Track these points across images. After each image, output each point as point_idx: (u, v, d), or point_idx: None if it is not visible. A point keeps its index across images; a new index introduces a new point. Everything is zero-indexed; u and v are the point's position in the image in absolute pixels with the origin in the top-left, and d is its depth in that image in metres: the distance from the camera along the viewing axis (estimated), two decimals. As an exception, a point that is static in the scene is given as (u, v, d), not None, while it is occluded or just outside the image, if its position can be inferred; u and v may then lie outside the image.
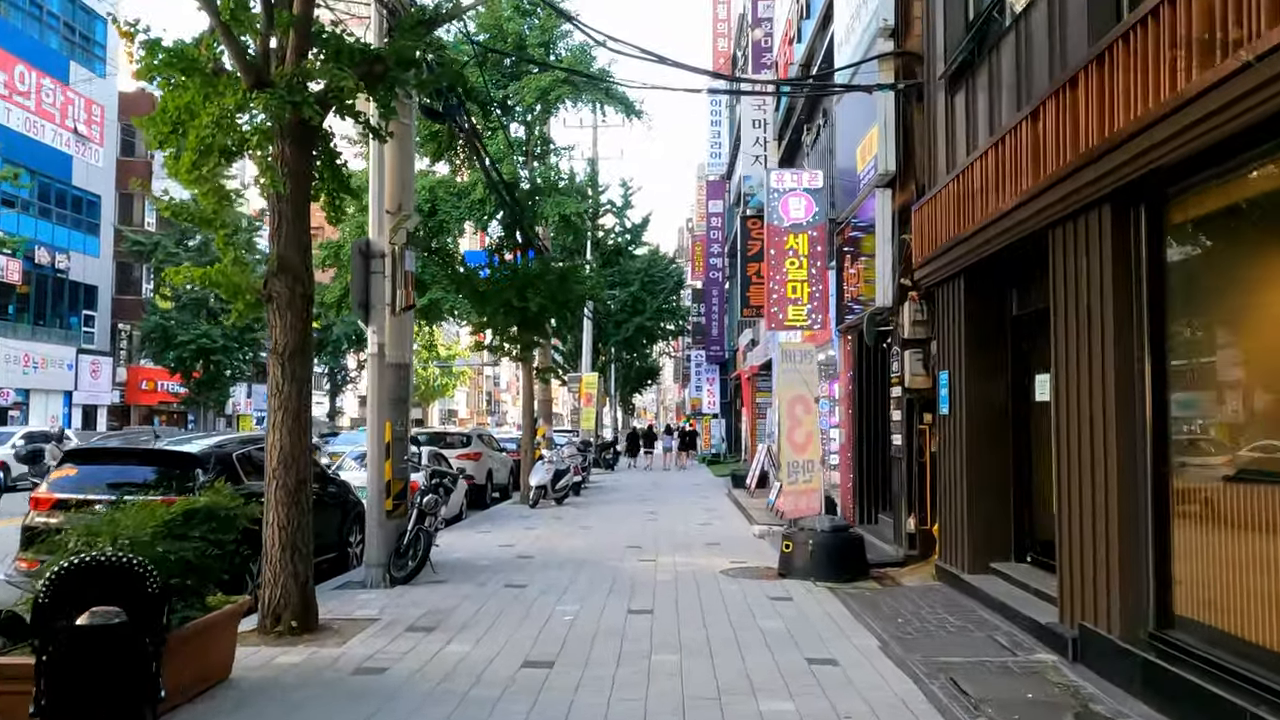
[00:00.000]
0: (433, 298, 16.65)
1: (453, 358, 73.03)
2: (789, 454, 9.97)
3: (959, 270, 8.70)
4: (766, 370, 25.43)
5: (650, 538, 13.16)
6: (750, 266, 22.20)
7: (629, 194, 34.66)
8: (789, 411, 9.96)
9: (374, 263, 9.31)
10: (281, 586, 7.01)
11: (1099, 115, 5.65)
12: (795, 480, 10.00)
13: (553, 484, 18.20)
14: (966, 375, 8.70)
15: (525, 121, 18.95)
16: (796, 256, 13.14)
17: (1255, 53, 4.16)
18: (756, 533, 13.15)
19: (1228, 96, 4.42)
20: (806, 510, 10.15)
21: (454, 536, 13.27)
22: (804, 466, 10.12)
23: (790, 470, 9.97)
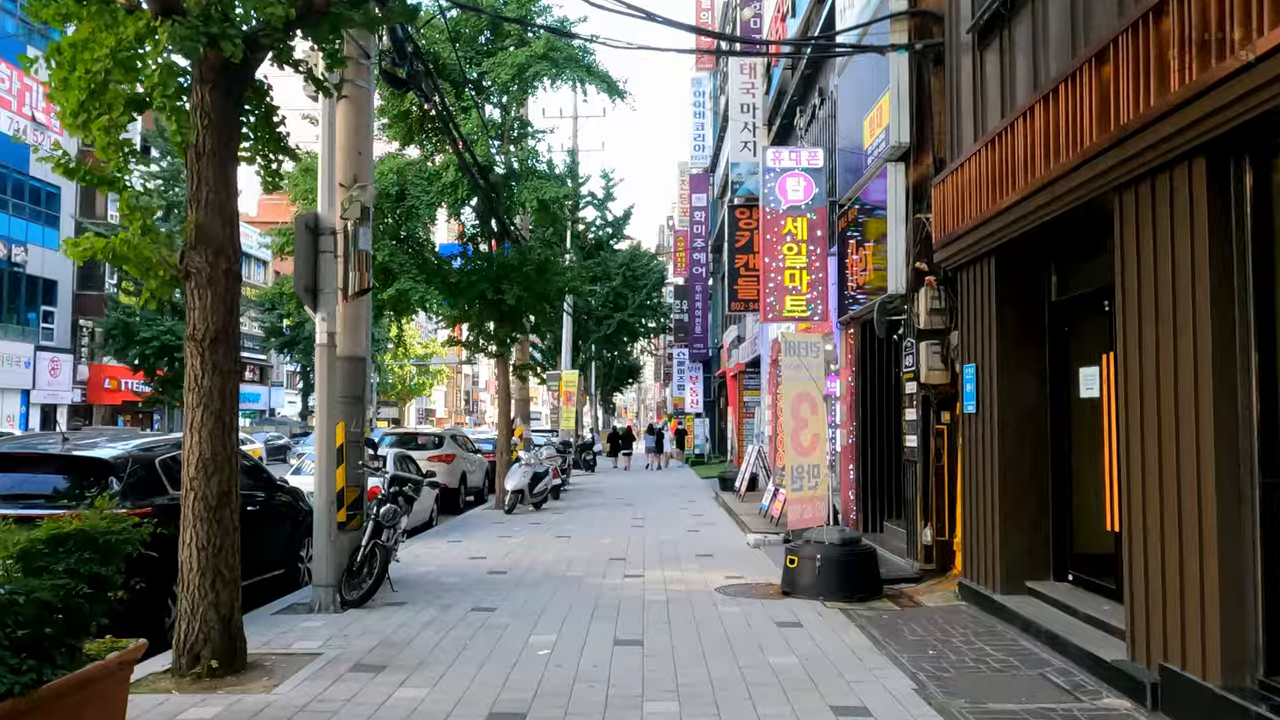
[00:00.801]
0: (401, 289, 15.45)
1: (429, 356, 71.62)
2: (793, 458, 8.90)
3: (989, 250, 7.65)
4: (754, 368, 24.40)
5: (636, 548, 12.07)
6: (739, 258, 21.17)
7: (610, 186, 33.53)
8: (793, 411, 8.90)
9: (323, 240, 8.15)
10: (201, 619, 5.85)
11: (1195, 48, 4.60)
12: (799, 487, 8.94)
13: (530, 488, 17.07)
14: (998, 369, 7.66)
15: (501, 104, 17.80)
16: (794, 242, 12.08)
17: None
18: (751, 542, 12.09)
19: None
20: (812, 521, 9.09)
21: (421, 547, 12.12)
22: (809, 472, 9.06)
23: (794, 476, 8.91)
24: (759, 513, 14.86)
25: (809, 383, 9.05)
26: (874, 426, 11.81)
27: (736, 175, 20.72)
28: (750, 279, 20.97)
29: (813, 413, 9.11)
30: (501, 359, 18.27)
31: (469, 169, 15.11)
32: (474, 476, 20.21)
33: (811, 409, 9.09)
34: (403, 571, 9.91)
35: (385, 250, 15.50)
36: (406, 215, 16.16)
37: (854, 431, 12.20)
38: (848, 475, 12.49)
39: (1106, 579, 6.81)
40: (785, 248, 12.07)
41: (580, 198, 33.22)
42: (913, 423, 9.54)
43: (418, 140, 17.11)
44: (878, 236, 10.33)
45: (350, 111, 9.03)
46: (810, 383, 9.07)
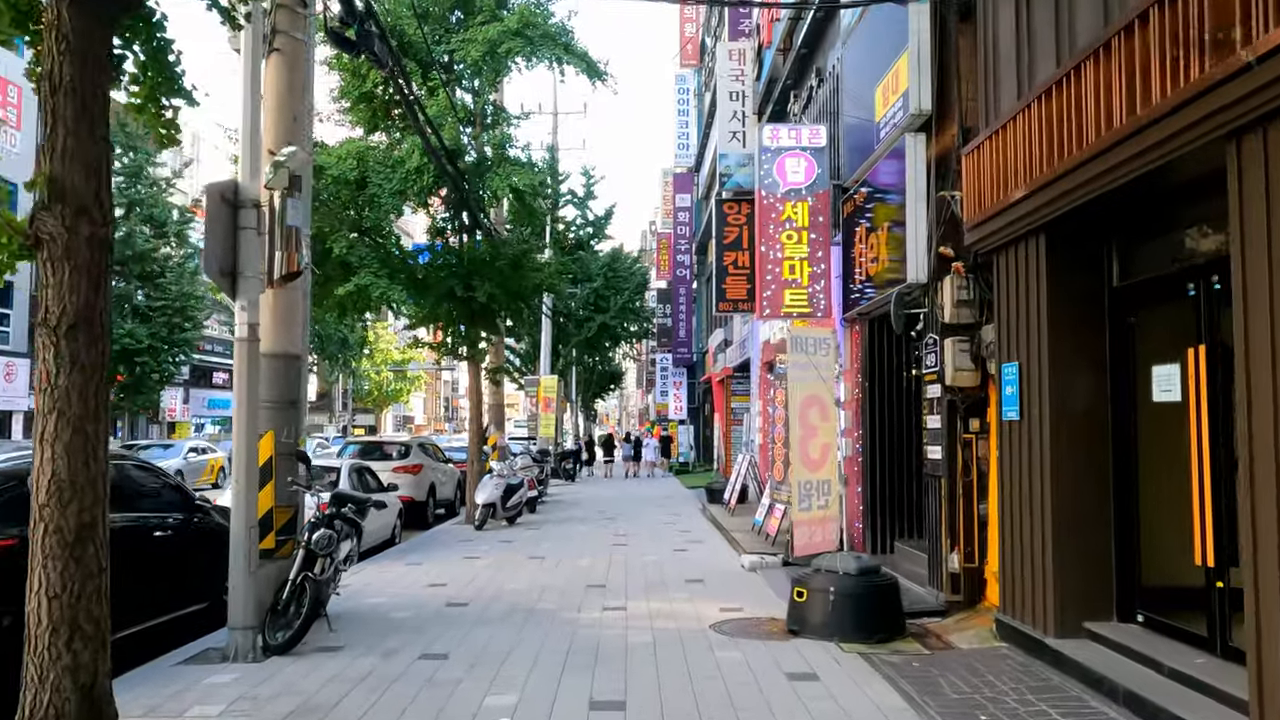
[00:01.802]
0: (360, 284, 14.08)
1: (407, 361, 70.01)
2: (800, 473, 7.63)
3: (1038, 226, 6.43)
4: (743, 372, 23.17)
5: (618, 571, 10.76)
6: (727, 255, 19.90)
7: (591, 184, 32.24)
8: (801, 417, 7.64)
9: (243, 215, 6.81)
10: (52, 689, 4.50)
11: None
12: (808, 507, 7.67)
13: (503, 501, 15.73)
14: (1049, 367, 6.43)
15: (473, 88, 16.49)
16: (794, 229, 10.84)
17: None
18: (747, 565, 10.81)
19: None
20: (822, 545, 7.82)
21: (375, 571, 10.77)
22: (819, 489, 7.80)
23: (801, 494, 7.64)
24: (752, 529, 13.59)
25: (819, 384, 7.80)
26: (883, 435, 10.56)
27: (725, 167, 19.51)
28: (739, 277, 19.72)
29: (823, 419, 7.85)
30: (473, 361, 16.92)
31: (434, 153, 13.78)
32: (444, 488, 18.84)
33: (822, 415, 7.83)
34: (347, 604, 8.58)
35: (343, 242, 14.16)
36: (368, 204, 14.81)
37: (860, 440, 10.95)
38: (854, 490, 11.24)
39: (1191, 622, 5.59)
40: (784, 236, 10.82)
41: (560, 195, 31.95)
42: (935, 431, 8.30)
43: (383, 125, 15.79)
44: (891, 221, 9.10)
45: (283, 67, 7.74)
46: (820, 384, 7.81)
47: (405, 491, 16.74)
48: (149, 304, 35.15)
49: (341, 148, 14.75)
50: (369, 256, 14.55)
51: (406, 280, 15.32)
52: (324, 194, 14.48)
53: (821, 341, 7.91)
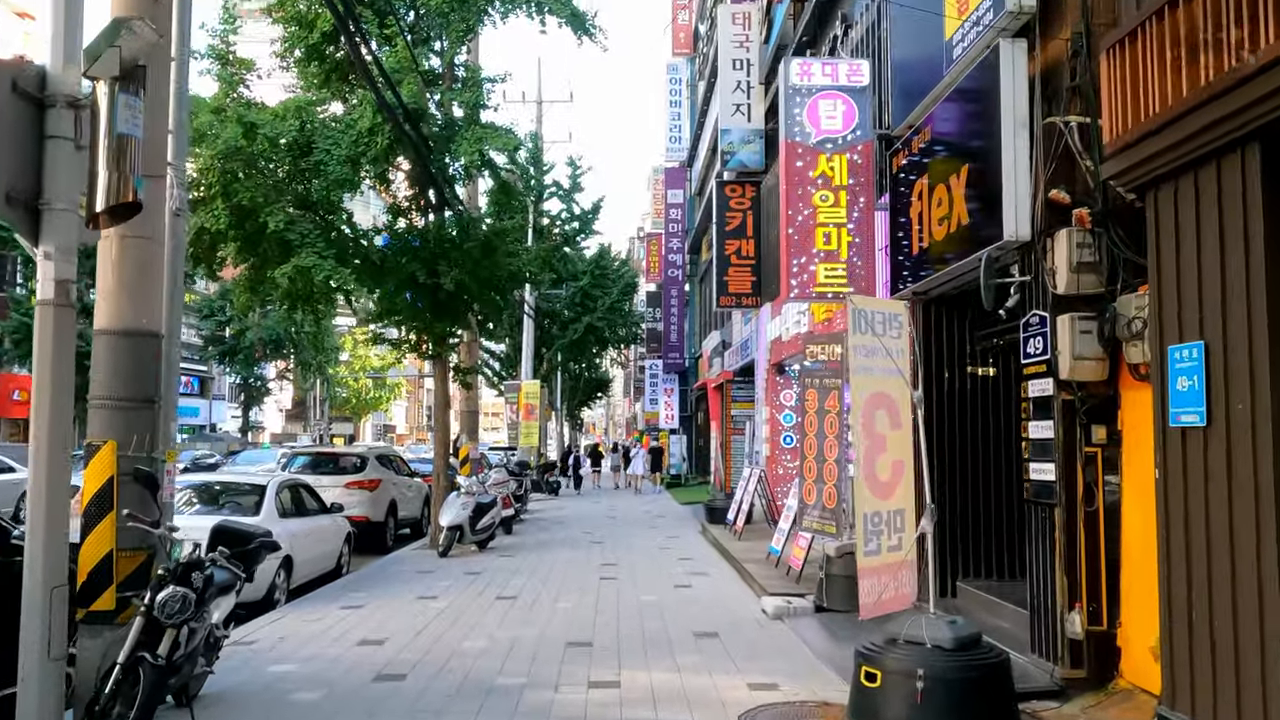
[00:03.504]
0: (300, 265, 11.80)
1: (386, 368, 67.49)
2: (866, 501, 5.41)
3: (1250, 131, 4.24)
4: (744, 377, 20.97)
5: (607, 618, 8.51)
6: (729, 244, 17.76)
7: (577, 175, 30.00)
8: (865, 424, 5.42)
9: (51, 118, 4.53)
10: None
11: None
12: (875, 548, 5.45)
13: (472, 523, 13.43)
14: (1271, 346, 4.23)
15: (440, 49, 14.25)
16: (830, 189, 8.66)
17: None
18: (769, 610, 8.58)
19: None
20: (896, 602, 5.60)
21: (296, 619, 8.47)
22: (890, 522, 5.58)
23: (868, 530, 5.42)
24: (767, 559, 11.36)
25: (889, 377, 5.58)
26: (942, 447, 8.38)
27: (727, 144, 17.36)
28: (743, 268, 17.59)
29: (893, 426, 5.63)
30: (440, 360, 14.64)
31: (389, 110, 11.54)
32: (408, 506, 16.52)
33: (892, 419, 5.62)
34: (237, 676, 6.29)
35: (280, 216, 11.86)
36: (313, 173, 12.54)
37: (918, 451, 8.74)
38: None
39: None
40: (817, 197, 8.64)
41: (544, 188, 29.71)
42: (1043, 443, 6.09)
43: (338, 91, 13.53)
44: (970, 165, 6.91)
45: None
46: (890, 377, 5.61)
47: (359, 510, 14.46)
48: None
49: (281, 105, 12.48)
50: (313, 234, 12.26)
51: (362, 264, 13.06)
52: (259, 159, 12.22)
53: (892, 319, 5.71)
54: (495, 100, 13.47)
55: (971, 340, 8.39)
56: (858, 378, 5.48)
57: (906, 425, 5.76)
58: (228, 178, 11.86)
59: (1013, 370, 8.30)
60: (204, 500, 10.06)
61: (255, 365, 48.07)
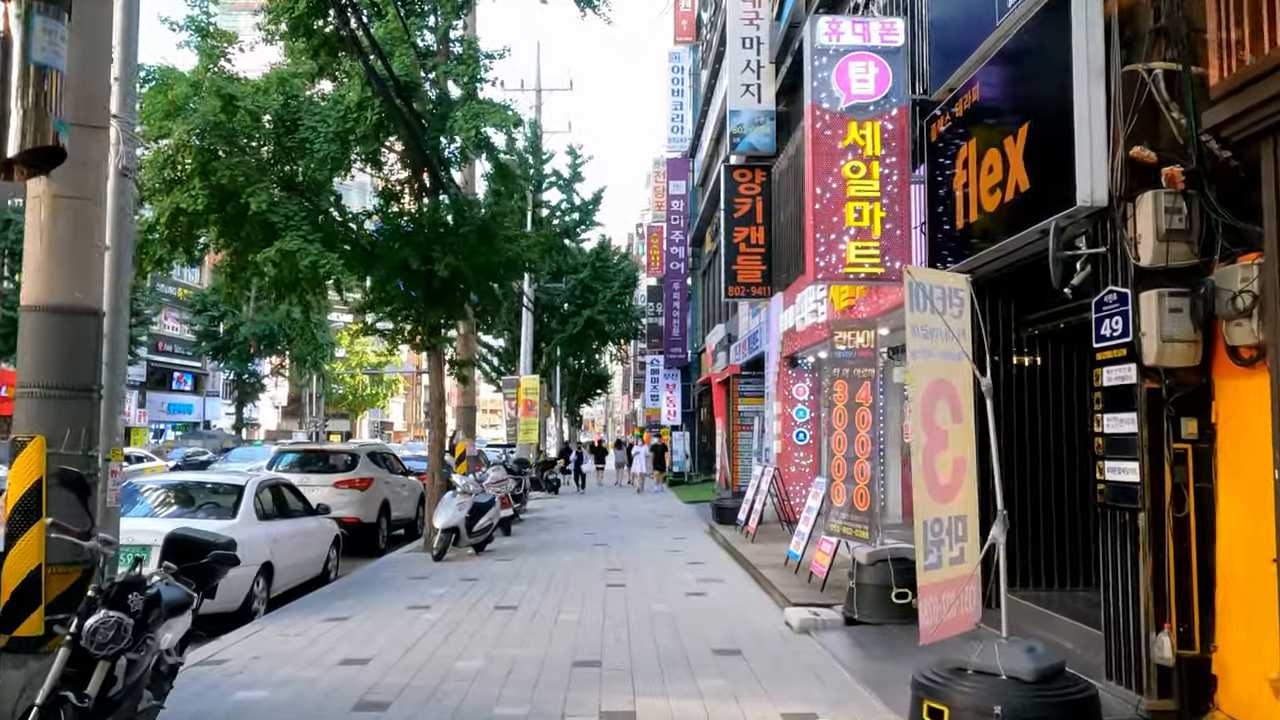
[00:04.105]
0: (285, 249, 11.00)
1: (383, 364, 66.67)
2: (925, 506, 4.63)
3: None
4: (753, 371, 20.18)
5: (615, 632, 7.73)
6: (738, 231, 16.97)
7: (578, 164, 29.26)
8: (925, 417, 4.64)
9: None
10: None
11: None
12: (936, 561, 4.67)
13: (468, 525, 12.63)
14: None
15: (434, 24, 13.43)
16: (861, 160, 7.87)
17: None
18: (795, 623, 7.80)
19: None
20: (958, 624, 4.81)
21: (275, 634, 7.68)
22: (951, 530, 4.80)
23: (928, 540, 4.63)
24: (786, 564, 10.57)
25: (951, 363, 4.80)
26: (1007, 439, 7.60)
27: (737, 126, 16.56)
28: (753, 256, 16.80)
29: (955, 420, 4.85)
30: (434, 352, 13.84)
31: (379, 81, 10.74)
32: (402, 506, 15.72)
33: (953, 411, 4.84)
34: (199, 704, 5.50)
35: (262, 196, 11.04)
36: (299, 152, 11.73)
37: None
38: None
39: None
40: (847, 168, 7.85)
41: (543, 177, 28.92)
42: (1123, 439, 5.30)
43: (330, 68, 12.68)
44: (1032, 123, 6.11)
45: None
46: (952, 364, 4.83)
47: (349, 511, 13.67)
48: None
49: (263, 78, 11.67)
50: (298, 216, 11.45)
51: (350, 250, 12.27)
52: (240, 136, 11.41)
53: (952, 295, 4.94)
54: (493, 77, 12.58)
55: (1018, 326, 7.61)
56: (916, 362, 4.70)
57: (969, 418, 4.98)
58: (205, 155, 11.06)
59: (1064, 359, 7.54)
60: (176, 502, 9.27)
61: (249, 361, 47.25)
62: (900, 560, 7.79)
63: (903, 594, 7.65)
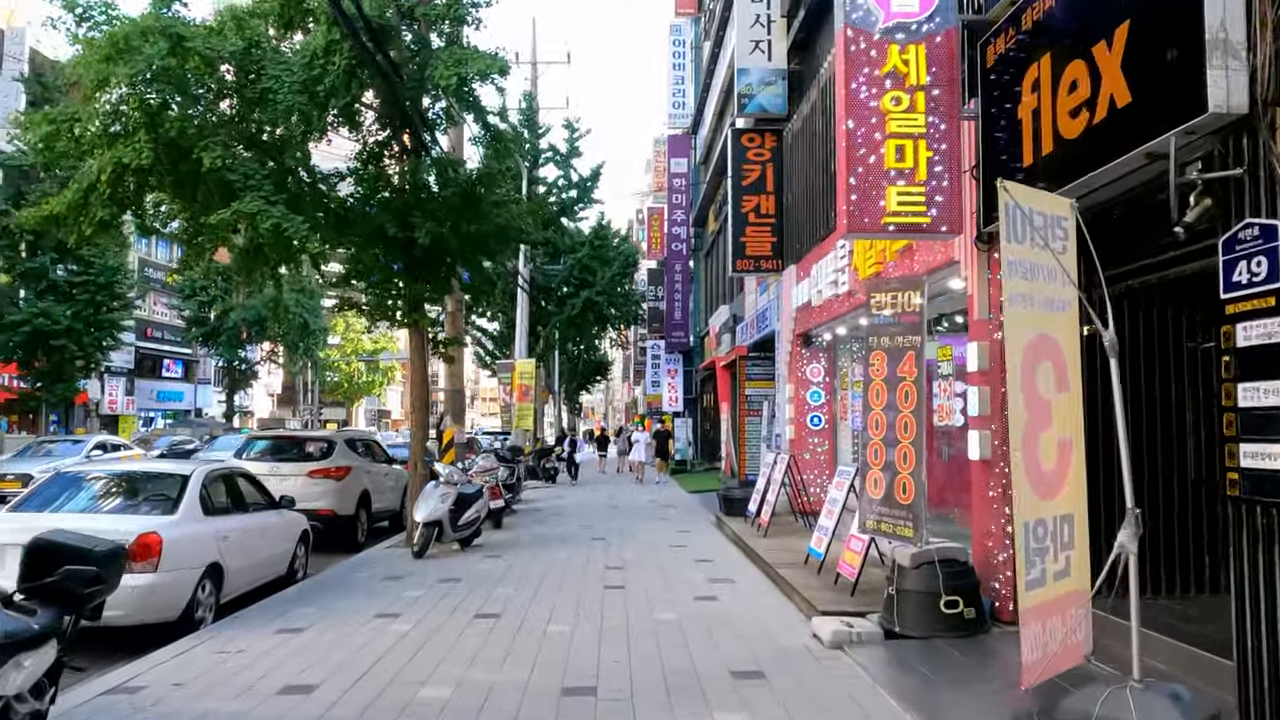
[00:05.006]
0: (242, 210, 9.79)
1: (379, 351, 65.46)
2: (1026, 502, 3.44)
3: None
4: (760, 353, 18.98)
5: (615, 654, 6.55)
6: (747, 200, 15.72)
7: (575, 138, 28.03)
8: (1025, 385, 3.44)
9: None
10: None
11: None
12: (1039, 575, 3.49)
13: (453, 518, 11.47)
14: None
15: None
16: (902, 90, 6.67)
17: None
18: (826, 636, 6.63)
19: None
20: (1066, 657, 3.62)
21: (215, 646, 6.51)
22: (1056, 534, 3.61)
23: (1031, 547, 3.45)
24: (804, 561, 9.41)
25: (1055, 315, 3.61)
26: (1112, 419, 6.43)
27: (745, 86, 15.33)
28: (762, 227, 15.57)
29: (1059, 388, 3.67)
30: (416, 329, 12.64)
31: (346, 20, 9.51)
32: (384, 496, 14.54)
33: (1058, 378, 3.66)
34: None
35: (216, 151, 9.80)
36: (260, 104, 10.51)
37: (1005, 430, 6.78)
38: (985, 514, 7.06)
39: None
40: (887, 100, 6.63)
41: (539, 152, 27.68)
42: (1267, 415, 4.11)
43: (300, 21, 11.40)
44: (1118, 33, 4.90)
45: None
46: (1056, 315, 3.64)
47: (324, 503, 12.52)
48: (69, 280, 30.61)
49: (217, 18, 10.43)
50: (259, 175, 10.23)
51: (322, 215, 11.07)
52: (191, 84, 10.20)
53: (1055, 224, 3.76)
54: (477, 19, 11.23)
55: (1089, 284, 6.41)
56: (1014, 310, 3.51)
57: (1076, 385, 3.79)
58: (151, 105, 9.84)
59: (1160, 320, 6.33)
60: (109, 495, 8.08)
61: (240, 347, 46.04)
62: (950, 562, 6.62)
63: (953, 602, 6.49)
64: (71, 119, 9.78)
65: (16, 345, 29.14)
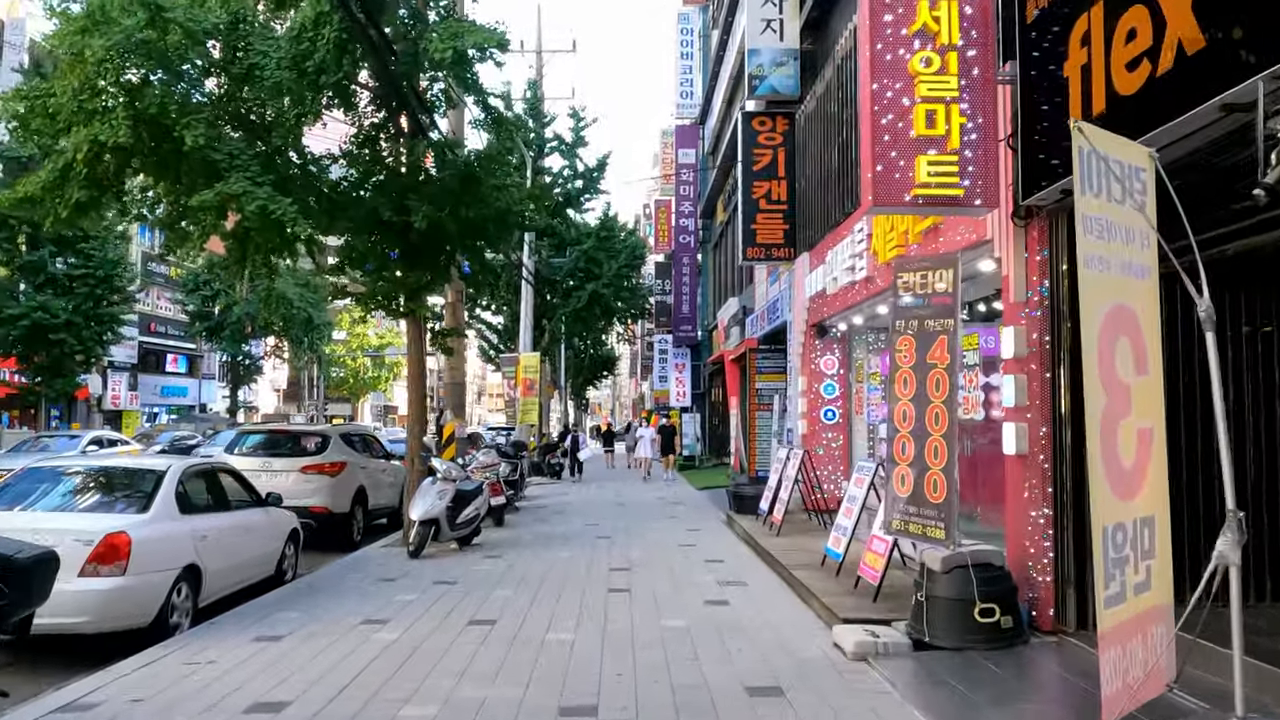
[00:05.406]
0: (226, 192, 9.26)
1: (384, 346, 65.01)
2: (1107, 506, 2.89)
3: None
4: (771, 345, 18.41)
5: (619, 667, 6.01)
6: (757, 186, 15.15)
7: (581, 128, 27.43)
8: (1102, 364, 2.88)
9: None
10: None
11: None
12: (1118, 591, 2.93)
13: (450, 516, 10.94)
14: None
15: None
16: (933, 50, 6.11)
17: None
18: (850, 647, 6.07)
19: None
20: (1153, 685, 3.05)
21: (182, 658, 5.98)
22: (1135, 540, 3.04)
23: (1111, 556, 2.89)
24: (821, 562, 8.86)
25: (1133, 281, 3.05)
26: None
27: (756, 67, 14.75)
28: (774, 214, 15.00)
29: (1138, 369, 3.12)
30: (413, 318, 12.10)
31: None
32: (382, 493, 14.01)
33: (1136, 358, 3.10)
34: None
35: (199, 130, 9.26)
36: (245, 79, 9.98)
37: (1043, 426, 6.23)
38: (1020, 509, 6.49)
39: None
40: (917, 60, 6.06)
41: (544, 141, 27.11)
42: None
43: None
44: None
45: None
46: (1135, 281, 3.08)
47: (317, 500, 12.01)
48: (68, 273, 30.14)
49: (200, -4, 9.89)
50: (245, 155, 9.70)
51: (313, 198, 10.55)
52: (173, 60, 9.67)
53: (1133, 175, 3.21)
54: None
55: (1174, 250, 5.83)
56: (1090, 275, 2.95)
57: (1156, 367, 3.22)
58: (132, 81, 9.32)
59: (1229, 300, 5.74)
60: (80, 492, 7.56)
61: (243, 342, 45.62)
62: (984, 566, 6.06)
63: (989, 610, 5.92)
64: (46, 95, 9.26)
65: (15, 339, 28.71)
